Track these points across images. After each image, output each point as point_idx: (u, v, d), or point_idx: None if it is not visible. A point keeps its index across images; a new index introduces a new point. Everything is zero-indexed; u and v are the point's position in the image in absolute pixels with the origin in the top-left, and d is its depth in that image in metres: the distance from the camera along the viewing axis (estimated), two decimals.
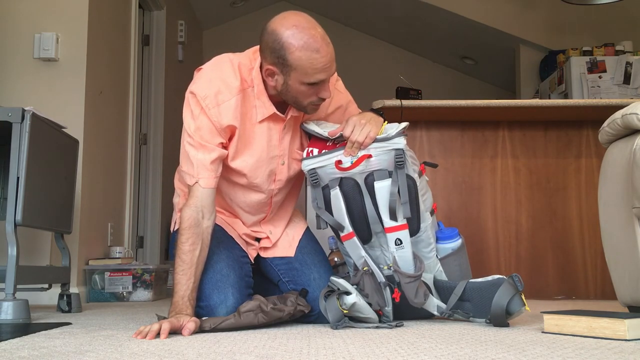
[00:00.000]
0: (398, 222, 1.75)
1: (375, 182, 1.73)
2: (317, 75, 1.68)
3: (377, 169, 1.74)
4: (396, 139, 1.73)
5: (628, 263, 1.92)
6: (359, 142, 1.72)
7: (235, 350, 1.26)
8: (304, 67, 1.66)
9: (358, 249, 1.79)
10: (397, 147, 1.73)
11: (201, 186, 1.72)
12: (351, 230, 1.78)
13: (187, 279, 1.66)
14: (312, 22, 1.68)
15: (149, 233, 4.45)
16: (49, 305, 2.71)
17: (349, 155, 1.74)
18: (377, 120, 1.78)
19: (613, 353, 1.20)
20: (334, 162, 1.75)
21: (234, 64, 1.79)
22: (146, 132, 4.48)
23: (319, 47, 1.64)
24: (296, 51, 1.65)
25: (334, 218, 1.78)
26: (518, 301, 1.69)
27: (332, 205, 1.78)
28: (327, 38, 1.69)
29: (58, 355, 1.21)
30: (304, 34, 1.65)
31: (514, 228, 3.21)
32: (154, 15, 4.58)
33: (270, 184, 1.91)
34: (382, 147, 1.73)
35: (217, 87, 1.74)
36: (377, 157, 1.73)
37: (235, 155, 1.81)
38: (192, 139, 1.74)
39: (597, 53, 4.80)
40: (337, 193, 1.76)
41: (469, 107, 2.99)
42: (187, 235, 1.69)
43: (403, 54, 6.70)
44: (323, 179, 1.79)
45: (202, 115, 1.73)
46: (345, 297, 1.70)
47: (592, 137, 3.22)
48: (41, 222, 2.26)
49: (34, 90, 3.00)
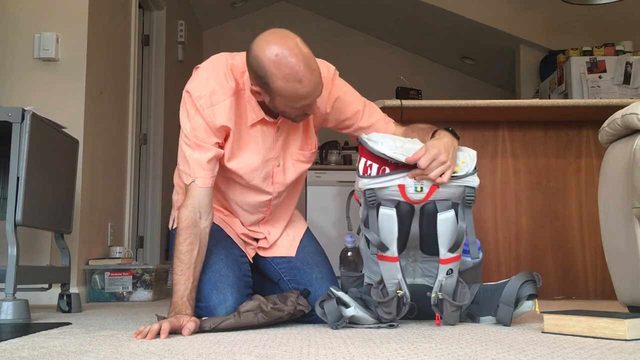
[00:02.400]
0: (455, 254, 1.68)
1: (439, 213, 1.65)
2: (301, 102, 1.66)
3: (440, 199, 1.66)
4: (471, 177, 1.67)
5: (628, 263, 1.92)
6: (431, 179, 1.63)
7: (235, 350, 1.26)
8: (287, 95, 1.64)
9: (397, 272, 1.70)
10: (470, 185, 1.67)
11: (198, 185, 1.72)
12: (396, 255, 1.68)
13: (186, 279, 1.66)
14: (295, 46, 1.60)
15: (149, 233, 4.45)
16: (49, 305, 2.70)
17: (414, 178, 1.65)
18: (455, 155, 1.68)
19: (613, 353, 1.20)
20: (397, 185, 1.65)
21: (229, 64, 1.78)
22: (146, 132, 4.48)
23: (301, 77, 1.60)
24: (278, 81, 1.61)
25: (379, 238, 1.67)
26: (531, 287, 1.70)
27: (380, 224, 1.67)
28: (312, 62, 1.62)
29: (58, 355, 1.21)
30: (286, 64, 1.58)
31: (514, 228, 3.21)
32: (154, 15, 4.58)
33: (268, 186, 1.90)
34: (454, 183, 1.66)
35: (212, 88, 1.73)
36: (446, 189, 1.66)
37: (230, 156, 1.81)
38: (188, 139, 1.74)
39: (597, 53, 4.79)
40: (393, 215, 1.65)
41: (469, 107, 2.99)
42: (185, 235, 1.69)
43: (403, 54, 6.70)
44: (378, 197, 1.68)
45: (197, 115, 1.73)
46: (344, 309, 1.69)
47: (592, 137, 3.22)
48: (41, 222, 2.26)
49: (34, 90, 3.00)
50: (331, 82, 1.89)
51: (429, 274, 1.81)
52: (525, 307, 1.73)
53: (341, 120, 1.96)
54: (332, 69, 1.90)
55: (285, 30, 1.66)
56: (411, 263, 1.82)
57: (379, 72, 6.26)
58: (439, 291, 1.72)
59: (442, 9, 5.51)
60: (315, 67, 1.64)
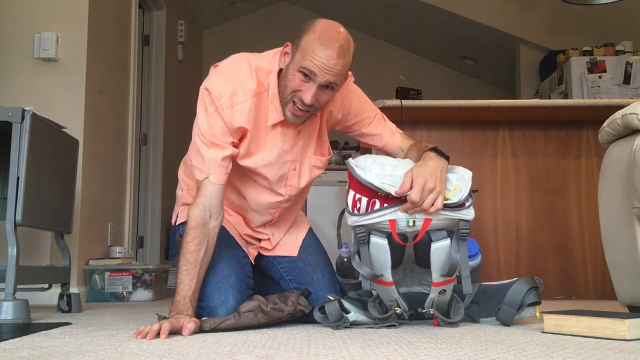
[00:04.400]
0: (448, 278, 1.64)
1: (433, 243, 1.59)
2: (311, 62, 1.63)
3: (434, 230, 1.60)
4: (465, 210, 1.59)
5: (628, 263, 1.92)
6: (424, 209, 1.56)
7: (235, 350, 1.26)
8: (306, 49, 1.65)
9: (393, 293, 1.67)
10: (465, 219, 1.60)
11: (211, 182, 1.71)
12: (391, 280, 1.64)
13: (190, 279, 1.66)
14: (347, 37, 1.67)
15: (149, 233, 4.45)
16: (49, 305, 2.70)
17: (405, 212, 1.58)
18: (444, 177, 1.61)
19: (613, 353, 1.20)
20: (388, 220, 1.58)
21: (252, 66, 1.77)
22: (146, 132, 4.48)
23: (330, 46, 1.63)
24: (310, 35, 1.65)
25: (372, 272, 1.62)
26: (535, 294, 1.70)
27: (372, 254, 1.62)
28: (345, 55, 1.65)
29: (58, 355, 1.21)
30: (329, 31, 1.65)
31: (514, 228, 3.21)
32: (154, 15, 4.58)
33: (280, 188, 1.90)
34: (448, 216, 1.59)
35: (233, 88, 1.72)
36: (439, 221, 1.59)
37: (245, 155, 1.79)
38: (204, 137, 1.72)
39: (597, 53, 4.79)
40: (385, 245, 1.59)
41: (469, 107, 2.99)
42: (193, 234, 1.68)
43: (403, 54, 6.69)
44: (368, 230, 1.62)
45: (215, 114, 1.71)
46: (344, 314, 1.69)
47: (592, 137, 3.22)
48: (41, 222, 2.26)
49: (34, 90, 3.00)
50: (346, 88, 1.89)
51: (426, 283, 1.80)
52: (527, 313, 1.74)
53: (349, 125, 1.96)
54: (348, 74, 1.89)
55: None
56: (408, 274, 1.81)
57: (379, 72, 6.25)
58: (430, 307, 1.70)
59: (442, 9, 5.51)
60: (346, 58, 1.66)
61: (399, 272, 1.76)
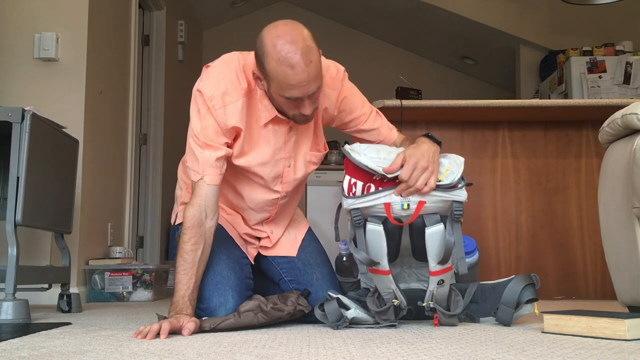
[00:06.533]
0: (445, 266, 1.65)
1: (427, 228, 1.61)
2: (291, 91, 1.63)
3: (428, 214, 1.62)
4: (458, 191, 1.61)
5: (628, 263, 1.92)
6: (417, 189, 1.60)
7: (235, 350, 1.26)
8: (278, 80, 1.63)
9: (390, 283, 1.68)
10: (458, 200, 1.62)
11: (206, 182, 1.71)
12: (388, 268, 1.64)
13: (189, 279, 1.66)
14: (300, 36, 1.61)
15: (149, 233, 4.45)
16: (49, 305, 2.70)
17: (400, 195, 1.60)
18: (437, 159, 1.65)
19: (613, 353, 1.20)
20: (383, 204, 1.61)
21: (242, 64, 1.77)
22: (146, 132, 4.48)
23: (294, 63, 1.58)
24: (272, 62, 1.61)
25: (368, 257, 1.63)
26: (531, 291, 1.70)
27: (368, 241, 1.63)
28: (311, 56, 1.60)
29: (58, 355, 1.21)
30: (284, 47, 1.59)
31: (514, 228, 3.21)
32: (154, 15, 4.58)
33: (277, 185, 1.90)
34: (441, 197, 1.62)
35: (225, 88, 1.72)
36: (433, 204, 1.62)
37: (239, 154, 1.80)
38: (197, 139, 1.73)
39: (597, 53, 4.79)
40: (380, 231, 1.61)
41: (469, 107, 2.99)
42: (190, 234, 1.68)
43: (403, 54, 6.69)
44: (364, 215, 1.65)
45: (208, 115, 1.72)
46: (344, 311, 1.69)
47: (592, 137, 3.22)
48: (41, 222, 2.26)
49: (34, 90, 3.00)
50: (340, 83, 1.88)
51: (424, 279, 1.81)
52: (525, 310, 1.74)
53: (345, 122, 1.96)
54: (341, 69, 1.90)
55: (298, 23, 1.66)
56: (406, 269, 1.81)
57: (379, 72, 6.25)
58: (430, 300, 1.70)
59: (442, 9, 5.51)
60: (314, 61, 1.61)
61: (396, 267, 1.76)
